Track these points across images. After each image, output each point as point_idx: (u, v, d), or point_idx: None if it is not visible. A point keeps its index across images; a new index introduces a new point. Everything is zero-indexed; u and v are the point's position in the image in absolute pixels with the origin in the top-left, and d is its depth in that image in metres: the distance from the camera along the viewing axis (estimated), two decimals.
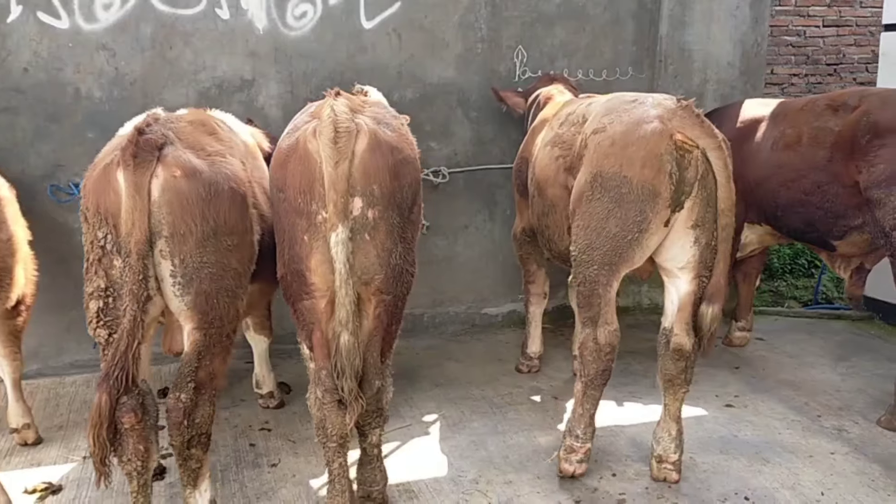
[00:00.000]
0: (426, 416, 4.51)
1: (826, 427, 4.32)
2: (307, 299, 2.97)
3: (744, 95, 5.92)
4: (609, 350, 3.56)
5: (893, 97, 4.37)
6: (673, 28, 5.86)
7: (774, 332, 5.89)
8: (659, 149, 3.26)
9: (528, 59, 5.67)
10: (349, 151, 2.81)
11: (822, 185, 4.62)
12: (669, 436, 3.68)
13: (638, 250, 3.40)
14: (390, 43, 5.37)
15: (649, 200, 3.29)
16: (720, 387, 4.87)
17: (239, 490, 3.73)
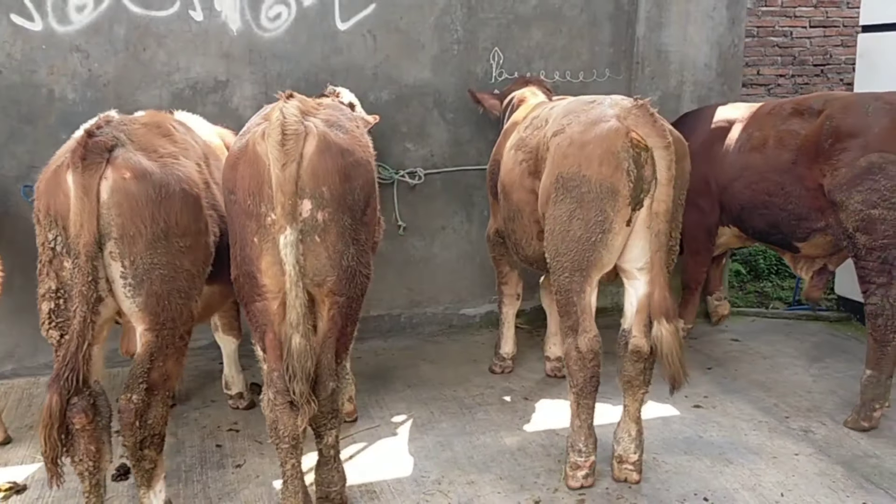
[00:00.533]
0: (395, 416, 4.52)
1: (793, 428, 4.33)
2: (259, 301, 2.99)
3: (721, 97, 5.94)
4: (592, 357, 3.56)
5: (855, 102, 4.38)
6: (650, 30, 5.86)
7: (750, 333, 5.89)
8: (615, 146, 3.27)
9: (505, 60, 5.68)
10: (297, 154, 2.82)
11: (787, 187, 4.65)
12: (629, 436, 3.69)
13: (605, 252, 3.40)
14: (365, 44, 5.39)
15: (609, 199, 3.30)
16: (690, 387, 4.85)
17: (202, 490, 3.75)
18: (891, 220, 4.11)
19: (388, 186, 5.60)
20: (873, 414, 4.22)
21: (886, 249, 4.14)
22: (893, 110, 4.20)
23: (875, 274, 4.19)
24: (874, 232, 4.16)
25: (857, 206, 4.21)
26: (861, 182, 4.20)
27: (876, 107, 4.26)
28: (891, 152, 4.13)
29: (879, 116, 4.22)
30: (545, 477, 3.82)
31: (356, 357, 5.41)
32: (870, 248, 4.19)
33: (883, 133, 4.18)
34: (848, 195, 4.24)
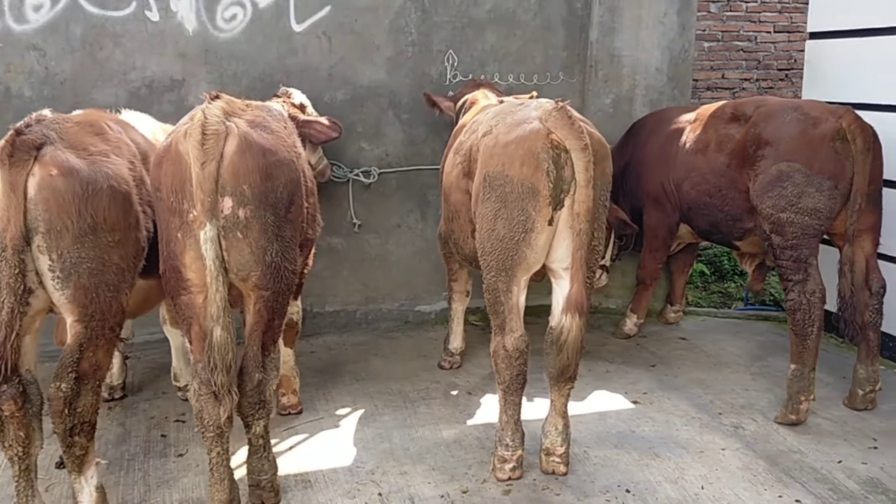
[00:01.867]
0: (340, 409, 4.64)
1: (724, 424, 4.45)
2: (184, 295, 3.10)
3: (671, 101, 6.07)
4: (518, 356, 3.66)
5: (778, 110, 4.54)
6: (603, 34, 5.99)
7: (699, 332, 6.02)
8: (536, 147, 3.39)
9: (459, 63, 5.80)
10: (217, 153, 2.93)
11: (723, 189, 4.82)
12: (556, 430, 3.80)
13: (528, 251, 3.52)
14: (320, 45, 5.50)
15: (530, 198, 3.42)
16: (631, 384, 5.01)
17: (142, 478, 3.86)
18: (798, 222, 4.32)
19: (343, 185, 5.71)
20: (800, 407, 4.36)
21: (797, 249, 4.33)
22: (804, 121, 4.39)
23: (791, 272, 4.36)
24: (785, 233, 4.36)
25: (769, 210, 4.42)
26: (772, 188, 4.40)
27: (792, 117, 4.43)
28: (797, 162, 4.31)
29: (792, 127, 4.40)
30: (476, 468, 3.94)
31: (309, 351, 5.55)
32: (783, 247, 4.38)
33: (792, 143, 4.37)
34: (761, 200, 4.47)
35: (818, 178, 4.29)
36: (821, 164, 4.29)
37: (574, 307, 3.45)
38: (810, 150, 4.32)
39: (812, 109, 4.47)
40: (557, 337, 3.56)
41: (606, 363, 5.38)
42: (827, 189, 4.28)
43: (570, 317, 3.47)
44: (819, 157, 4.29)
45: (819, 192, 4.29)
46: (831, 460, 4.04)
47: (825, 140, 4.29)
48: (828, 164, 4.27)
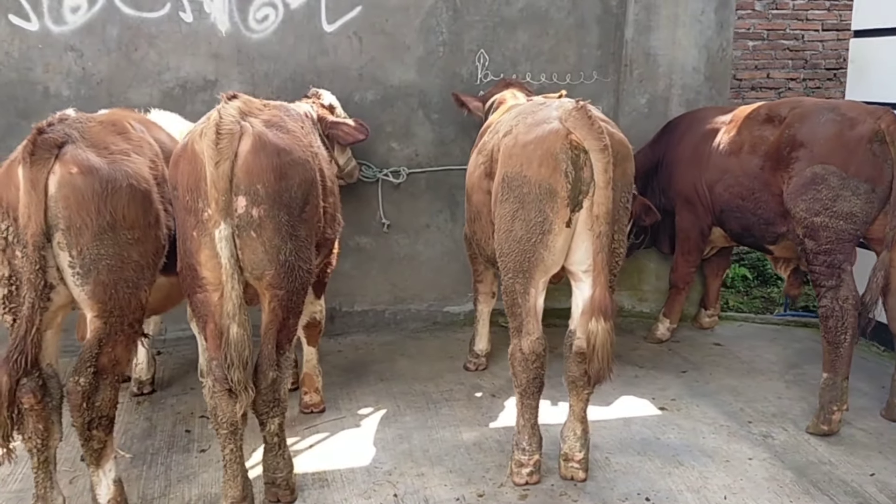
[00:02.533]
0: (362, 409, 4.64)
1: (753, 433, 4.34)
2: (200, 293, 3.13)
3: (709, 101, 5.95)
4: (535, 359, 3.61)
5: (814, 111, 4.41)
6: (638, 32, 5.89)
7: (735, 338, 5.88)
8: (554, 148, 3.34)
9: (491, 62, 5.76)
10: (231, 152, 2.95)
11: (756, 192, 4.70)
12: (575, 435, 3.75)
13: (546, 253, 3.47)
14: (351, 46, 5.52)
15: (548, 200, 3.37)
16: (660, 390, 4.91)
17: (163, 472, 3.91)
18: (833, 227, 4.18)
19: (373, 185, 5.72)
20: (832, 417, 4.22)
21: (831, 254, 4.19)
22: (840, 122, 4.24)
23: (824, 277, 4.22)
24: (818, 238, 4.23)
25: (802, 213, 4.29)
26: (806, 191, 4.27)
27: (828, 118, 4.29)
28: (832, 164, 4.17)
29: (827, 128, 4.26)
30: (494, 472, 3.90)
31: (337, 350, 5.58)
32: (816, 252, 4.24)
33: (827, 145, 4.24)
34: (795, 203, 4.34)
35: (854, 181, 4.15)
36: (857, 167, 4.14)
37: (599, 311, 3.39)
38: (846, 152, 4.18)
39: (849, 110, 4.32)
40: (585, 343, 3.50)
41: (636, 368, 5.28)
42: (863, 193, 4.14)
43: (595, 321, 3.40)
44: (855, 159, 4.15)
45: (855, 196, 4.15)
46: (863, 473, 3.90)
47: (862, 142, 4.15)
48: (865, 166, 4.13)
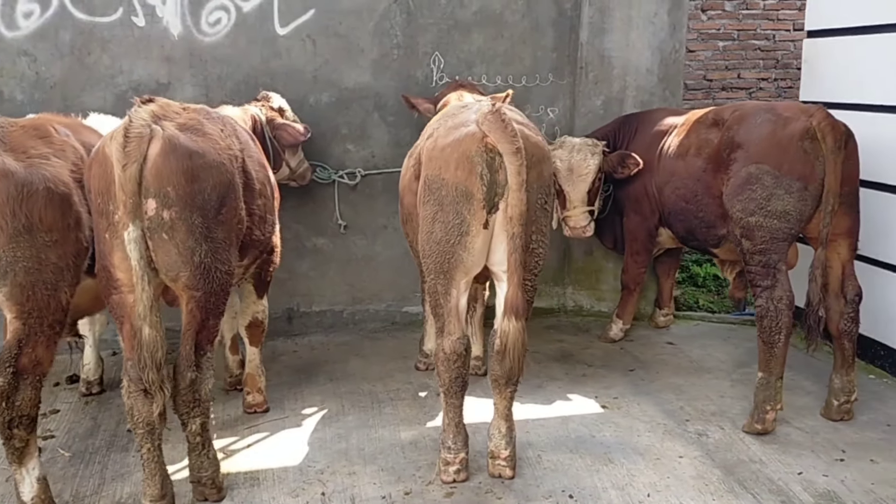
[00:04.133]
0: (307, 409, 4.69)
1: (688, 431, 4.37)
2: (115, 294, 3.19)
3: (662, 102, 5.98)
4: (456, 359, 3.65)
5: (752, 113, 4.44)
6: (593, 35, 5.93)
7: (689, 337, 5.91)
8: (470, 151, 3.39)
9: (446, 65, 5.81)
10: (139, 155, 3.01)
11: (699, 194, 4.73)
12: (500, 433, 3.78)
13: (465, 254, 3.51)
14: (305, 49, 5.57)
15: (465, 202, 3.42)
16: (605, 388, 4.95)
17: (99, 471, 3.97)
18: (767, 226, 4.19)
19: (329, 186, 5.77)
20: (766, 416, 4.25)
21: (766, 254, 4.21)
22: (775, 122, 4.27)
23: (760, 277, 4.24)
24: (754, 238, 4.24)
25: (738, 214, 4.31)
26: (741, 191, 4.29)
27: (763, 119, 4.32)
28: (765, 164, 4.20)
29: (762, 128, 4.29)
30: (425, 470, 3.94)
31: (292, 350, 5.64)
32: (752, 252, 4.27)
33: (761, 145, 4.26)
34: (732, 204, 4.36)
35: (787, 179, 4.17)
36: (790, 165, 4.17)
37: (511, 310, 3.43)
38: (779, 151, 4.20)
39: (785, 110, 4.35)
40: (498, 341, 3.54)
41: (585, 367, 5.32)
42: (796, 191, 4.16)
43: (507, 320, 3.45)
44: (788, 157, 4.17)
45: (788, 195, 4.17)
46: (791, 472, 3.93)
47: (794, 140, 4.17)
48: (797, 164, 4.15)
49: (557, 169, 5.20)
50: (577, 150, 5.23)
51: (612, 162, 5.27)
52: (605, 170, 5.28)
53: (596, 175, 5.23)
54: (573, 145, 5.26)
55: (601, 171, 5.26)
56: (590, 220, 5.28)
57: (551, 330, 6.08)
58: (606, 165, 5.27)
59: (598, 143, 5.32)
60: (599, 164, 5.22)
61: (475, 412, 4.26)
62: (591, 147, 5.26)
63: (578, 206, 5.23)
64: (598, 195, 5.36)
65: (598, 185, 5.32)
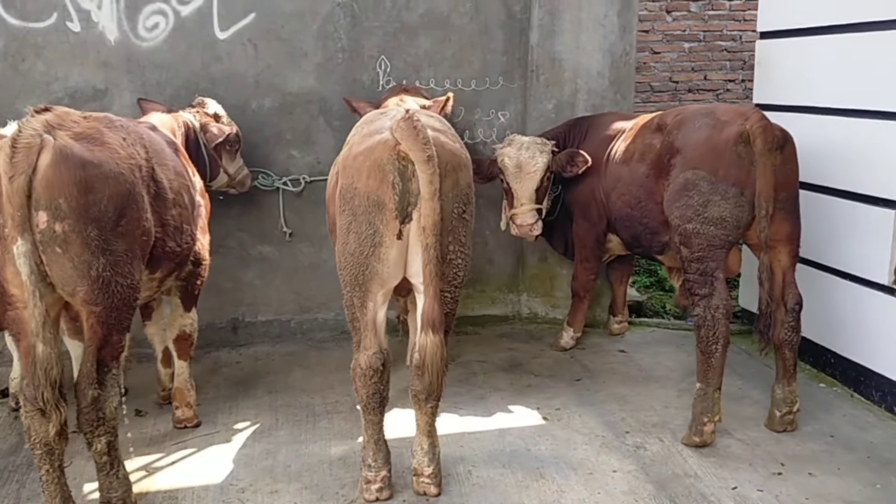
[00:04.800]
0: (239, 423, 4.57)
1: (626, 444, 4.26)
2: (11, 310, 3.08)
3: (613, 105, 5.88)
4: (372, 374, 3.54)
5: (691, 117, 4.34)
6: (543, 37, 5.82)
7: (641, 345, 5.81)
8: (382, 159, 3.28)
9: (392, 68, 5.70)
10: (26, 166, 2.89)
11: (642, 200, 4.63)
12: (422, 450, 3.67)
13: (379, 266, 3.41)
14: (246, 53, 5.46)
15: (377, 212, 3.31)
16: (548, 399, 4.84)
17: (16, 491, 3.84)
18: (704, 233, 4.08)
19: (273, 193, 5.66)
20: (703, 429, 4.15)
21: (703, 261, 4.11)
22: (712, 126, 4.16)
23: (697, 286, 4.14)
24: (691, 245, 4.14)
25: (676, 220, 4.21)
26: (679, 198, 4.19)
27: (701, 123, 4.22)
28: (701, 169, 4.09)
29: (699, 133, 4.19)
30: (350, 488, 3.83)
31: (235, 362, 5.52)
32: (690, 260, 4.16)
33: (698, 149, 4.16)
34: (670, 210, 4.26)
35: (723, 184, 4.07)
36: (725, 170, 4.06)
37: (428, 324, 3.32)
38: (714, 156, 4.10)
39: (723, 114, 4.25)
40: (417, 356, 3.43)
41: (531, 376, 5.21)
42: (732, 196, 4.05)
43: (424, 335, 3.34)
44: (723, 162, 4.07)
45: (724, 200, 4.07)
46: (726, 486, 3.83)
47: (729, 144, 4.06)
48: (732, 169, 4.05)
49: (505, 166, 5.12)
50: (526, 147, 5.13)
51: (561, 161, 5.17)
52: (553, 169, 5.18)
53: (544, 173, 5.12)
54: (522, 143, 5.16)
55: (550, 170, 5.16)
56: (537, 219, 5.16)
57: (504, 338, 5.97)
58: (555, 164, 5.17)
59: (547, 141, 5.23)
60: (548, 163, 5.12)
61: (405, 425, 4.16)
62: (540, 145, 5.16)
63: (526, 204, 5.12)
64: (546, 194, 5.26)
65: (547, 184, 5.21)
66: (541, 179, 5.13)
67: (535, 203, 5.16)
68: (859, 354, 4.80)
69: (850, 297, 4.86)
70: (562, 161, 5.17)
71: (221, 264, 5.65)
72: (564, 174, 5.21)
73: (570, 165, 5.16)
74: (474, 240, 6.11)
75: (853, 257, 4.82)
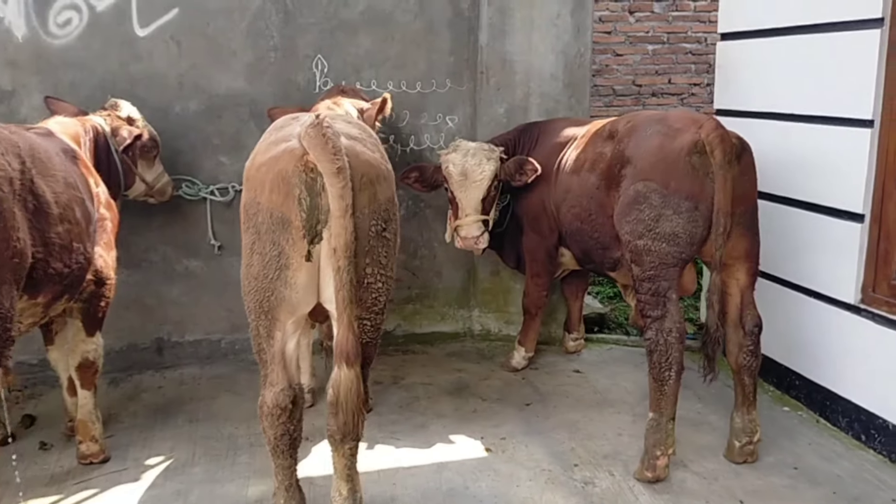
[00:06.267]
0: (152, 458, 4.14)
1: (574, 479, 3.90)
2: None
3: (568, 110, 5.53)
4: (280, 413, 3.13)
5: (643, 124, 3.99)
6: (493, 37, 5.46)
7: (599, 364, 5.47)
8: (287, 170, 2.89)
9: (330, 69, 5.31)
10: None
11: (593, 213, 4.28)
12: (341, 496, 3.25)
13: (287, 291, 3.01)
14: (168, 51, 5.04)
15: (281, 230, 2.92)
16: (494, 427, 4.47)
17: None
18: (656, 250, 3.73)
19: (201, 203, 5.24)
20: (657, 462, 3.80)
21: (655, 281, 3.76)
22: (664, 135, 3.82)
23: (649, 307, 3.79)
24: (643, 263, 3.78)
25: (627, 236, 3.86)
26: (630, 212, 3.83)
27: (653, 131, 3.87)
28: (653, 181, 3.75)
29: (650, 142, 3.84)
30: None
31: (157, 386, 5.09)
32: (641, 279, 3.82)
33: (649, 160, 3.81)
34: (621, 225, 3.91)
35: (676, 198, 3.72)
36: (678, 183, 3.72)
37: (341, 356, 2.93)
38: (666, 167, 3.76)
39: (676, 121, 3.90)
40: (331, 392, 3.03)
41: (478, 401, 4.84)
42: (685, 211, 3.71)
43: (338, 368, 2.94)
44: (676, 174, 3.72)
45: (677, 215, 3.72)
46: None
47: (682, 154, 3.72)
48: (685, 181, 3.70)
49: (450, 174, 4.75)
50: (472, 154, 4.76)
51: (510, 168, 4.81)
52: (502, 177, 4.82)
53: (491, 182, 4.76)
54: (468, 149, 4.80)
55: (498, 178, 4.80)
56: (483, 231, 4.80)
57: (453, 357, 5.59)
58: (503, 172, 4.81)
59: (494, 147, 4.86)
60: (496, 171, 4.76)
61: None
62: (488, 152, 4.80)
63: (471, 215, 4.76)
64: (494, 205, 4.90)
65: (495, 193, 4.85)
66: (488, 188, 4.78)
67: (481, 214, 4.80)
68: (825, 377, 4.49)
69: (816, 315, 4.55)
70: (510, 169, 4.82)
71: (144, 280, 5.25)
72: (513, 183, 4.86)
73: (519, 174, 4.80)
74: (422, 252, 5.83)
75: (819, 273, 4.51)
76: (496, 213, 4.96)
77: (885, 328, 4.03)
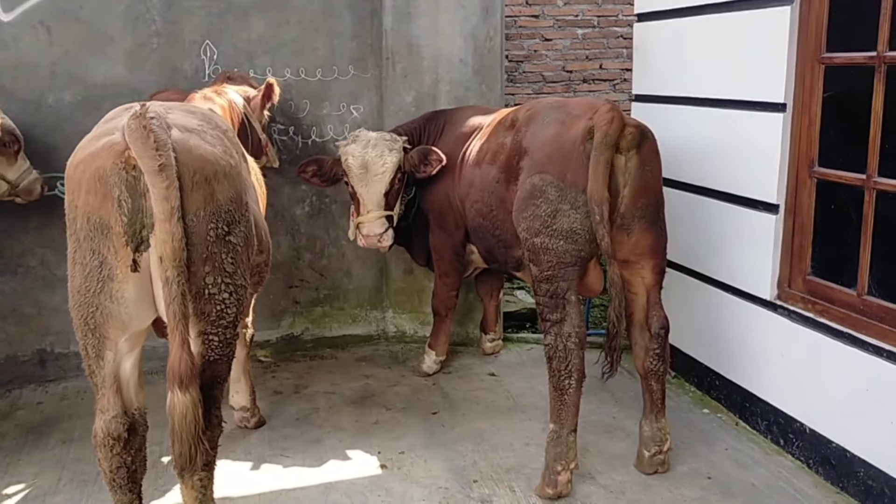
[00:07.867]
0: (13, 485, 3.75)
1: (472, 498, 3.60)
2: None
3: (479, 97, 5.22)
4: (113, 443, 2.78)
5: (541, 111, 3.69)
6: (398, 21, 5.12)
7: (516, 366, 5.18)
8: (104, 168, 2.51)
9: (220, 55, 4.93)
10: None
11: (494, 209, 3.97)
12: None
13: (114, 306, 2.63)
14: (38, 37, 4.61)
15: (101, 237, 2.55)
16: (394, 439, 4.15)
17: None
18: (553, 248, 3.43)
19: None
20: (558, 478, 3.51)
21: (553, 281, 3.46)
22: (561, 123, 3.51)
23: (548, 310, 3.49)
24: (540, 263, 3.48)
25: (524, 234, 3.56)
26: (526, 207, 3.53)
27: (550, 119, 3.57)
28: (548, 173, 3.44)
29: (547, 131, 3.54)
30: None
31: (35, 402, 4.68)
32: (539, 280, 3.52)
33: (545, 150, 3.51)
34: (518, 222, 3.61)
35: (572, 191, 3.41)
36: (574, 174, 3.41)
37: (174, 379, 2.56)
38: (561, 158, 3.45)
39: (575, 108, 3.60)
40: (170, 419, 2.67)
41: (382, 411, 4.52)
42: (582, 205, 3.39)
43: (171, 392, 2.58)
44: (571, 165, 3.42)
45: (574, 210, 3.42)
46: None
47: (576, 144, 3.41)
48: (581, 173, 3.39)
49: (349, 167, 4.42)
50: (373, 145, 4.43)
51: (414, 159, 4.48)
52: (406, 169, 4.49)
53: (394, 174, 4.44)
54: (368, 140, 4.46)
55: (402, 170, 4.47)
56: (387, 228, 4.48)
57: (363, 362, 5.26)
58: (407, 163, 4.48)
59: (397, 137, 4.53)
60: (399, 162, 4.43)
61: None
62: (390, 142, 4.47)
63: (373, 211, 4.44)
64: (398, 199, 4.57)
65: (399, 186, 4.53)
66: (391, 182, 4.45)
67: (384, 209, 4.47)
68: (744, 378, 4.24)
69: (735, 312, 4.29)
70: (414, 160, 4.49)
71: (21, 287, 4.85)
72: (418, 175, 4.53)
73: (424, 165, 4.48)
74: (330, 251, 5.47)
75: (735, 268, 4.26)
76: (401, 207, 4.64)
77: (800, 326, 3.78)
